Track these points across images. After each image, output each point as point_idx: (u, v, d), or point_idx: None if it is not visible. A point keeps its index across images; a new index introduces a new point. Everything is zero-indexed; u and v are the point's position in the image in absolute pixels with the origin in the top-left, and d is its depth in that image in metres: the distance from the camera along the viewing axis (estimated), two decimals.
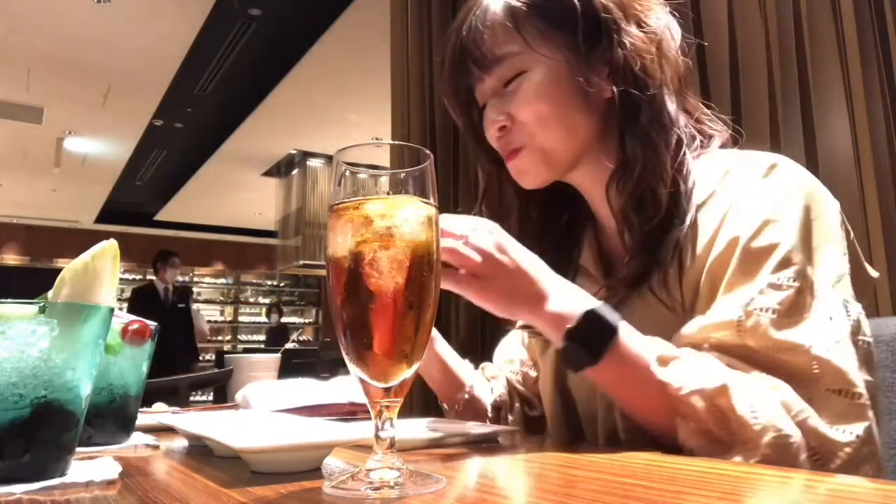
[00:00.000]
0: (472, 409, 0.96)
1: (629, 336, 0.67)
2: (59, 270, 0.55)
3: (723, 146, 0.82)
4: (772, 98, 1.42)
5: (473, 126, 0.88)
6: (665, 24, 0.80)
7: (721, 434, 0.59)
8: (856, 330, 0.65)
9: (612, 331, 0.65)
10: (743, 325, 0.64)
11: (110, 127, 6.81)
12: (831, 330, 0.63)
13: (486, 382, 1.00)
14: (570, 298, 0.69)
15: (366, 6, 4.37)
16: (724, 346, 0.64)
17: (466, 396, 0.95)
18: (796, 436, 0.58)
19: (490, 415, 0.97)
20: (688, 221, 0.73)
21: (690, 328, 0.67)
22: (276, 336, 8.38)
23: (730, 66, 1.51)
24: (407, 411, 1.61)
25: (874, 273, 0.74)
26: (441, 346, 0.95)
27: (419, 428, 0.75)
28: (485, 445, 0.69)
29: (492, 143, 0.84)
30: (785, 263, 0.65)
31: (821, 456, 0.58)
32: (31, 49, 5.12)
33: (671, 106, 0.77)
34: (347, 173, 0.50)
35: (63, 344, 0.49)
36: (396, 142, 2.40)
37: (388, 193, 0.50)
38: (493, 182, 0.90)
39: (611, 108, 0.77)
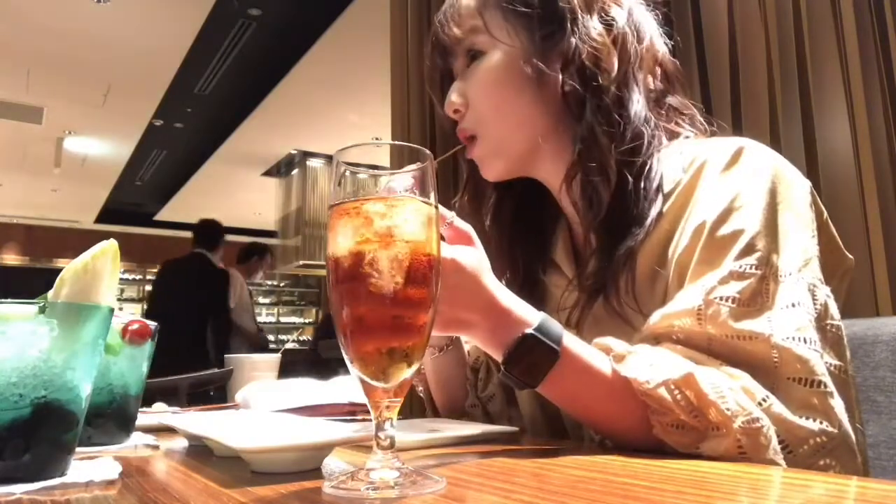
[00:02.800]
0: (455, 357, 0.94)
1: (575, 349, 0.64)
2: (59, 270, 0.55)
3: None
4: (772, 98, 1.42)
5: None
6: (635, 21, 0.79)
7: (694, 422, 0.58)
8: (823, 314, 0.64)
9: (551, 353, 0.62)
10: (703, 314, 0.63)
11: (110, 127, 6.81)
12: (793, 317, 0.61)
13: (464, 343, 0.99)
14: (507, 320, 0.64)
15: (366, 6, 4.36)
16: (688, 335, 0.63)
17: (451, 342, 0.93)
18: (765, 420, 0.56)
19: (469, 377, 0.96)
20: (646, 225, 0.72)
21: (655, 318, 0.66)
22: None
23: (730, 65, 1.51)
24: (407, 411, 1.61)
25: (849, 256, 0.73)
26: None
27: (419, 428, 0.75)
28: (484, 445, 0.69)
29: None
30: (748, 250, 0.64)
31: (788, 443, 0.57)
32: (31, 49, 5.12)
33: (635, 105, 0.76)
34: (347, 173, 0.50)
35: (63, 344, 0.49)
36: (396, 142, 2.41)
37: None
38: (474, 171, 0.89)
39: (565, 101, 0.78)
